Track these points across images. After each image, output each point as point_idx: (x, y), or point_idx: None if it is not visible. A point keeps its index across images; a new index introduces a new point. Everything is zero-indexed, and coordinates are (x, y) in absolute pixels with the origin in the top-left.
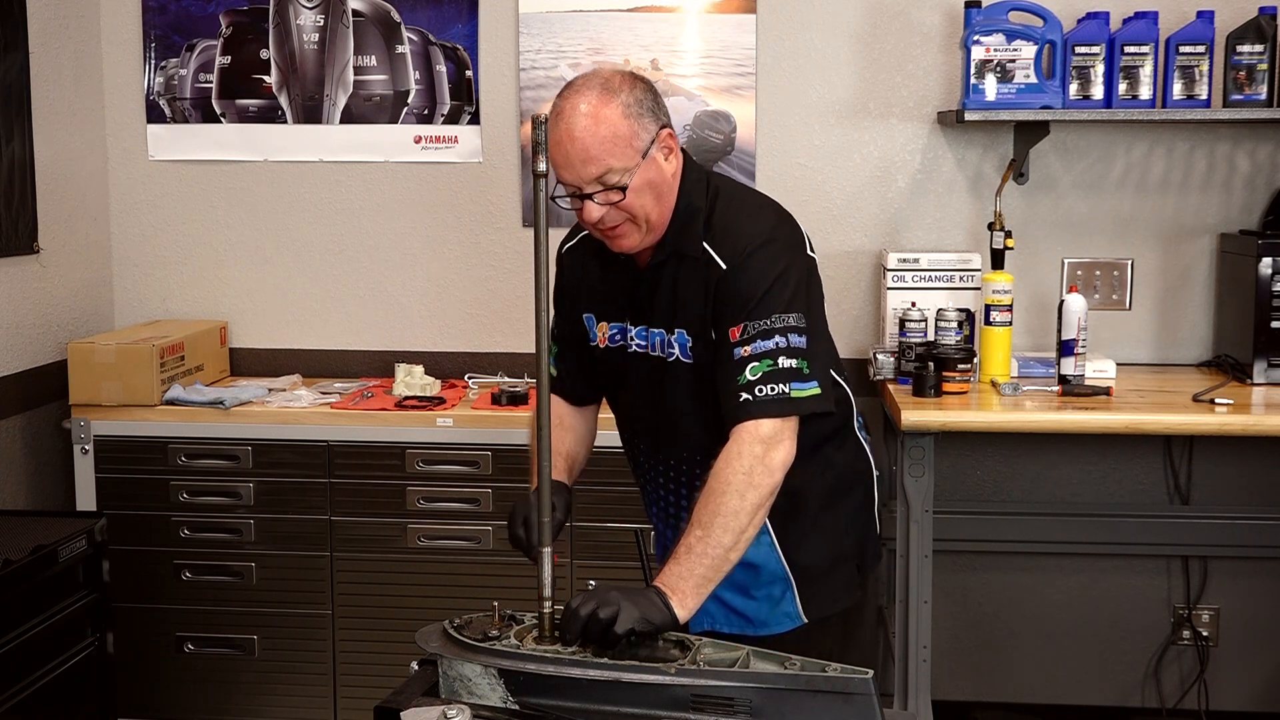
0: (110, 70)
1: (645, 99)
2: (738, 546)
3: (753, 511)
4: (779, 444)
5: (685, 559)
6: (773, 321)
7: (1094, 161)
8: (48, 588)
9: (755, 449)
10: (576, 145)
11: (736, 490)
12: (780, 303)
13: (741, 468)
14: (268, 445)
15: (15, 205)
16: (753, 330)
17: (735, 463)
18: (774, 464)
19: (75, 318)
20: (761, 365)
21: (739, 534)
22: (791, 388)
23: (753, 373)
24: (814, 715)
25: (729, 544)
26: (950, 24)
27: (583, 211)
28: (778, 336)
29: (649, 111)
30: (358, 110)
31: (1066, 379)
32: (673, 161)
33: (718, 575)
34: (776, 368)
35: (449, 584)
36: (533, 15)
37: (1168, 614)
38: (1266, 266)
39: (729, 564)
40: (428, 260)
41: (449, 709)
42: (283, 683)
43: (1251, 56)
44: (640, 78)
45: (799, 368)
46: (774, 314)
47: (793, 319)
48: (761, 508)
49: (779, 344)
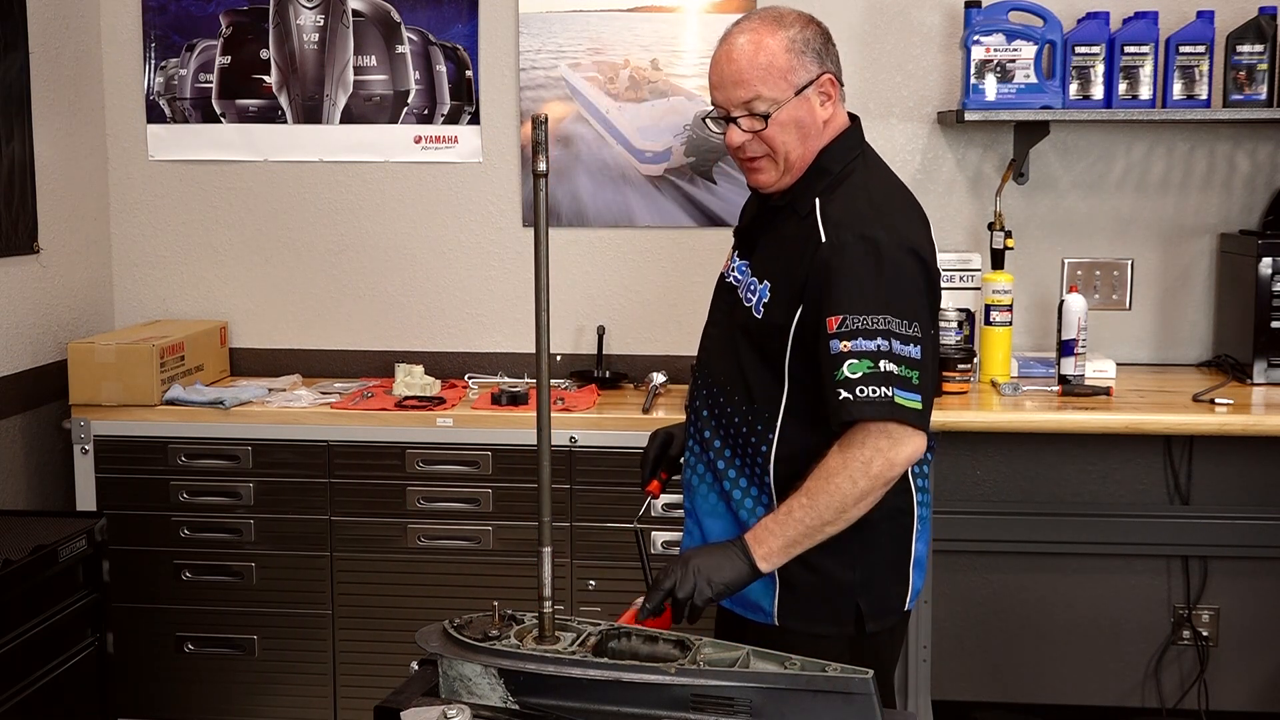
0: (110, 70)
1: (814, 40)
2: (836, 523)
3: (860, 497)
4: (905, 441)
5: (784, 518)
6: (876, 322)
7: (1094, 161)
8: (48, 588)
9: (881, 442)
10: (732, 67)
11: (851, 475)
12: (881, 303)
13: (863, 456)
14: (268, 445)
15: (15, 205)
16: (852, 325)
17: (857, 450)
18: (897, 458)
19: (75, 318)
20: (861, 365)
21: (840, 513)
22: (895, 393)
23: (852, 370)
24: (814, 715)
25: (828, 519)
26: (950, 24)
27: (726, 135)
28: (880, 339)
29: (814, 53)
30: (358, 110)
31: (1066, 379)
32: (829, 109)
33: (808, 542)
34: (878, 370)
35: (449, 584)
36: (533, 15)
37: (1168, 614)
38: (1266, 266)
39: (823, 535)
40: (428, 260)
41: (449, 709)
42: (283, 683)
43: (1251, 56)
44: (817, 22)
45: (906, 375)
46: (879, 314)
47: (899, 325)
48: (871, 495)
49: (880, 346)
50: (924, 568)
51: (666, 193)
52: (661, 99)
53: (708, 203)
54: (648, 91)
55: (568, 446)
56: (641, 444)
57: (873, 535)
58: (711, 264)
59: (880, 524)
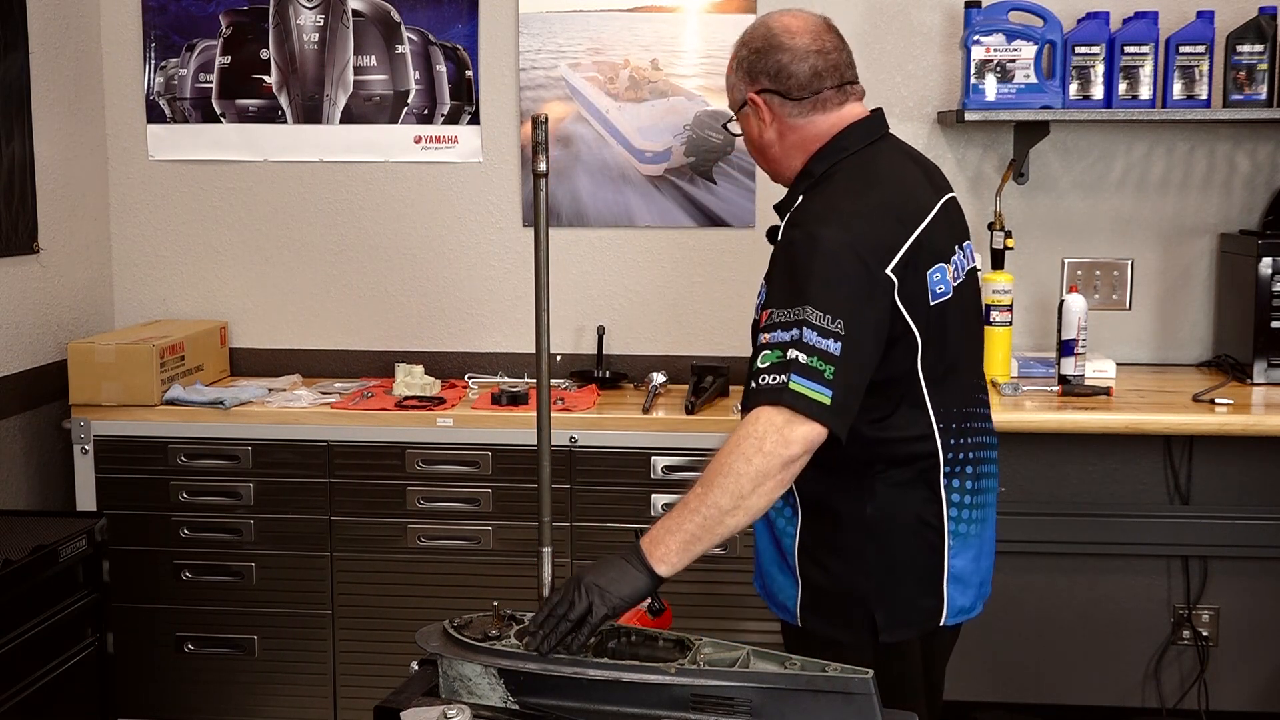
0: (110, 70)
1: (746, 59)
2: (737, 511)
3: (757, 479)
4: (799, 423)
5: (679, 513)
6: (794, 314)
7: (1094, 161)
8: (48, 588)
9: (776, 419)
10: None
11: (744, 454)
12: (802, 295)
13: (755, 432)
14: (268, 445)
15: (15, 205)
16: (774, 319)
17: (750, 427)
18: (792, 436)
19: (75, 318)
20: (772, 355)
21: (739, 498)
22: (792, 378)
23: (762, 360)
24: (814, 715)
25: (727, 506)
26: (950, 24)
27: None
28: (794, 329)
29: (744, 73)
30: (358, 110)
31: (1066, 379)
32: (761, 128)
33: (709, 536)
34: (783, 359)
35: (449, 584)
36: (533, 15)
37: (1168, 614)
38: (1266, 266)
39: (724, 527)
40: (428, 260)
41: (449, 709)
42: (283, 683)
43: (1251, 56)
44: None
45: (815, 367)
46: (798, 305)
47: (818, 317)
48: (770, 478)
49: (793, 336)
50: (969, 584)
51: (666, 193)
52: (661, 99)
53: (708, 203)
54: (648, 91)
55: (568, 446)
56: (641, 444)
57: (890, 544)
58: (711, 264)
59: (898, 533)
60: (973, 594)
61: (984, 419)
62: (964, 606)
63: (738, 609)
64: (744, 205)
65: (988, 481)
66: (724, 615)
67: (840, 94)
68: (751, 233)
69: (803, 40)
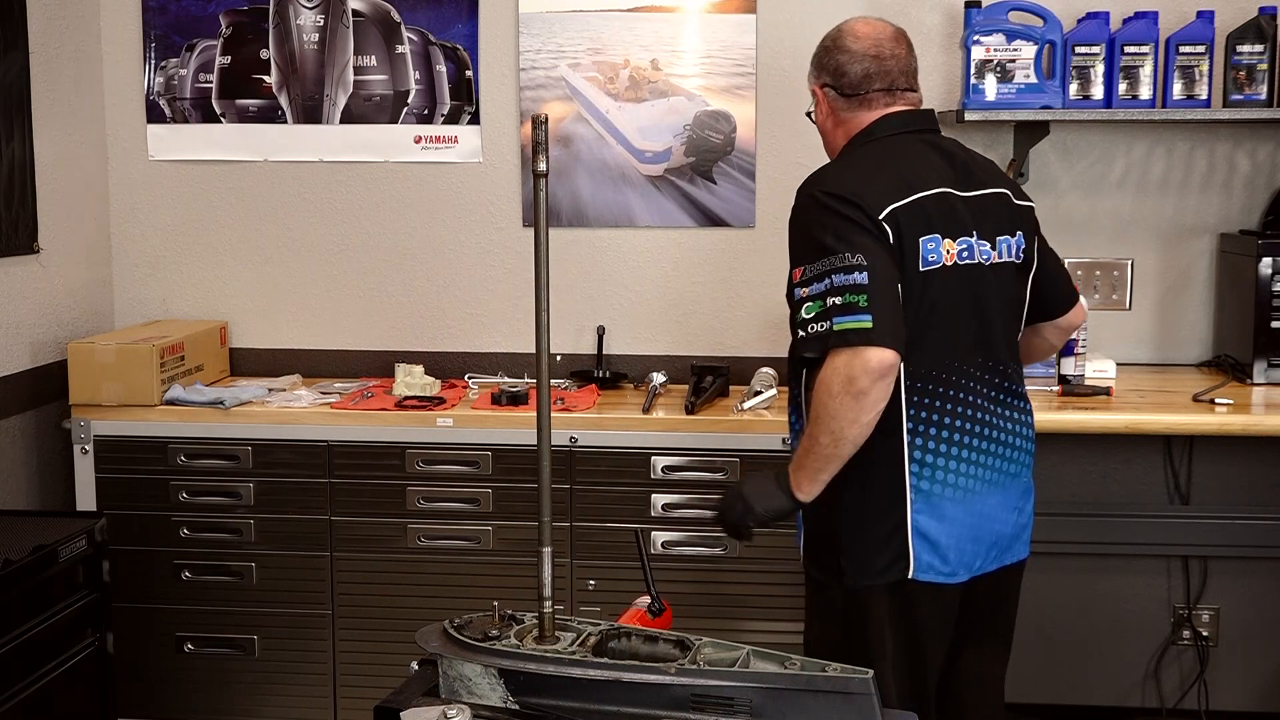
0: (110, 70)
1: (819, 54)
2: (841, 443)
3: (842, 416)
4: (861, 352)
5: (802, 452)
6: (822, 265)
7: (1094, 161)
8: (48, 588)
9: (837, 360)
10: None
11: (826, 396)
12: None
13: (827, 377)
14: (268, 445)
15: (15, 205)
16: (808, 274)
17: (826, 373)
18: (853, 372)
19: (75, 318)
20: (815, 306)
21: (837, 435)
22: (834, 321)
23: (807, 311)
24: (814, 715)
25: (826, 442)
26: (950, 24)
27: None
28: (826, 278)
29: (815, 65)
30: (358, 110)
31: (1066, 379)
32: (821, 115)
33: (829, 465)
34: (824, 307)
35: (449, 584)
36: (533, 15)
37: (1168, 614)
38: (1266, 266)
39: (838, 458)
40: (428, 260)
41: (449, 709)
42: (283, 683)
43: (1251, 56)
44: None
45: (851, 301)
46: (823, 257)
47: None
48: (858, 408)
49: (828, 285)
50: (942, 547)
51: (666, 193)
52: (661, 99)
53: (708, 203)
54: (648, 91)
55: (568, 446)
56: (641, 444)
57: (853, 498)
58: (711, 264)
59: (860, 489)
60: (936, 552)
61: (989, 397)
62: (939, 569)
63: (738, 609)
64: (744, 205)
65: (980, 453)
66: (724, 615)
67: (889, 96)
68: (751, 233)
69: (862, 45)
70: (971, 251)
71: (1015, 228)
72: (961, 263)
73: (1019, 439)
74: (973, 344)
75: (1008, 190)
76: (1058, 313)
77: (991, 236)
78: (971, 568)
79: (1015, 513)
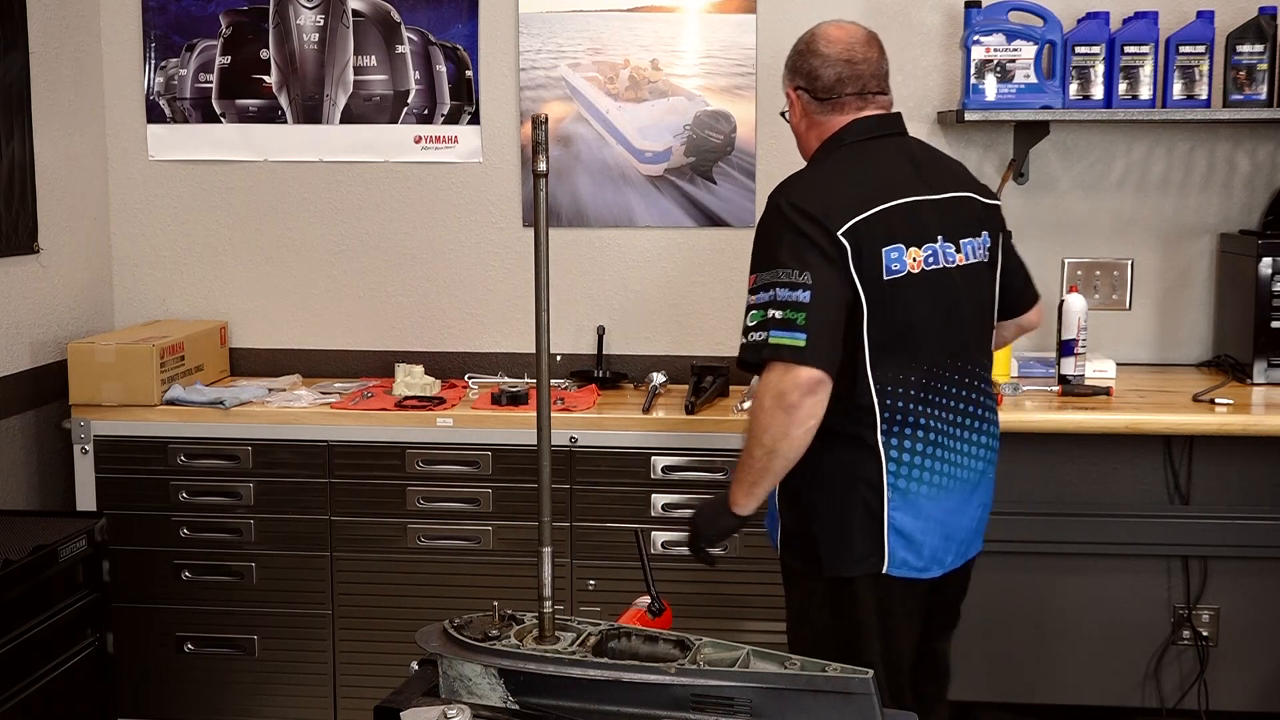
0: (110, 70)
1: (793, 57)
2: (774, 457)
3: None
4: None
5: (740, 465)
6: (767, 276)
7: (1094, 161)
8: (48, 588)
9: (770, 376)
10: None
11: (754, 414)
12: (773, 259)
13: (760, 392)
14: (268, 445)
15: (15, 205)
16: (757, 281)
17: (759, 388)
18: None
19: (75, 318)
20: (758, 314)
21: (770, 449)
22: (771, 334)
23: (750, 319)
24: (814, 715)
25: (759, 455)
26: (950, 24)
27: None
28: (770, 290)
29: (789, 68)
30: (358, 110)
31: (1066, 379)
32: (795, 118)
33: (763, 479)
34: (766, 318)
35: (449, 584)
36: (533, 15)
37: (1168, 614)
38: (1266, 266)
39: (771, 471)
40: (428, 260)
41: (449, 709)
42: (283, 683)
43: (1251, 56)
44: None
45: (789, 318)
46: (771, 268)
47: (787, 274)
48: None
49: (771, 297)
50: (917, 543)
51: (666, 193)
52: (661, 99)
53: (708, 203)
54: (648, 91)
55: (568, 446)
56: (641, 444)
57: (831, 495)
58: (711, 264)
59: (838, 485)
60: (925, 556)
61: (960, 398)
62: (912, 565)
63: (738, 609)
64: (744, 205)
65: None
66: (724, 615)
67: (860, 100)
68: (751, 233)
69: (835, 50)
70: (937, 257)
71: (981, 228)
72: (929, 269)
73: (987, 437)
74: (944, 347)
75: (975, 193)
76: (1016, 311)
77: (956, 239)
78: (944, 564)
79: (981, 509)
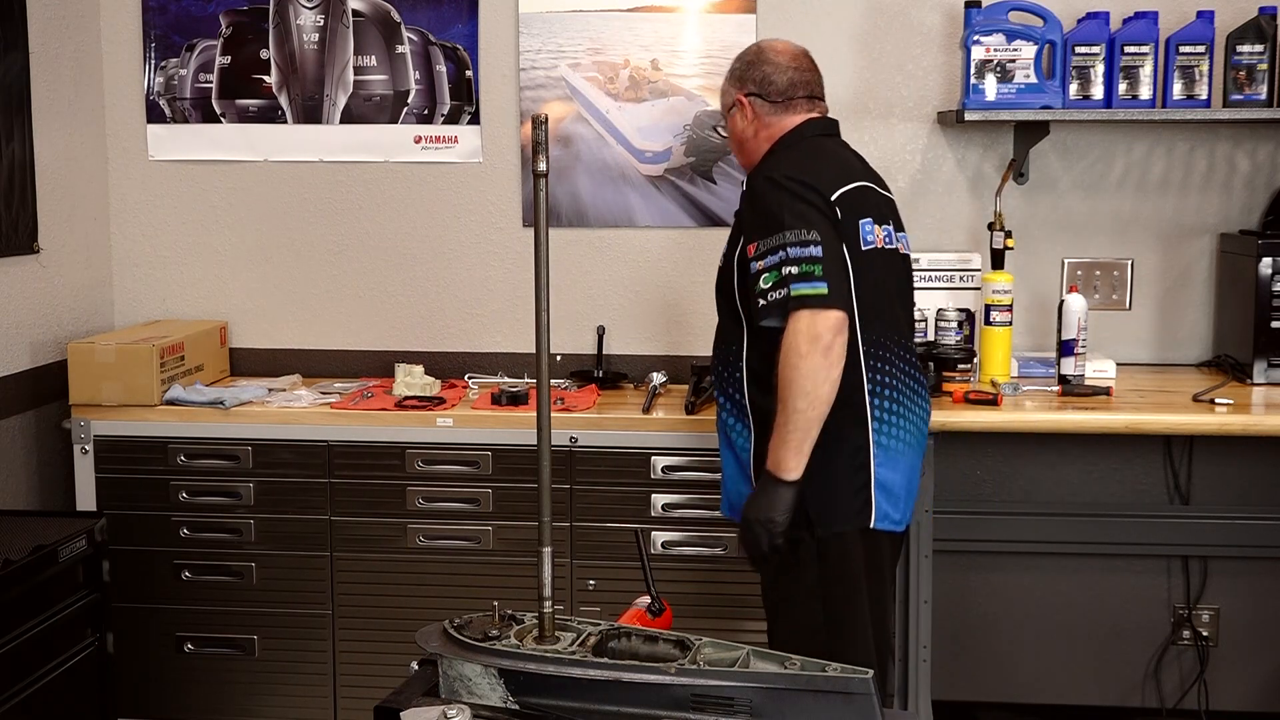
0: (110, 70)
1: (739, 68)
2: (816, 404)
3: (813, 374)
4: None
5: (780, 432)
6: (776, 239)
7: (1094, 161)
8: (48, 588)
9: (799, 323)
10: None
11: (792, 363)
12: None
13: (790, 342)
14: (268, 445)
15: (15, 205)
16: (762, 248)
17: (787, 341)
18: (817, 329)
19: (75, 318)
20: (772, 275)
21: (810, 396)
22: (793, 288)
23: (765, 281)
24: (814, 715)
25: (803, 407)
26: (950, 24)
27: None
28: (780, 251)
29: (736, 78)
30: (358, 110)
31: (1066, 379)
32: (744, 124)
33: (809, 432)
34: (781, 275)
35: (449, 584)
36: (533, 15)
37: (1168, 614)
38: (1266, 266)
39: (817, 420)
40: (428, 260)
41: (449, 709)
42: (283, 683)
43: (1251, 56)
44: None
45: (806, 270)
46: (778, 232)
47: (794, 234)
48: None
49: (782, 257)
50: (897, 497)
51: (666, 193)
52: (661, 99)
53: (707, 203)
54: (648, 91)
55: (568, 446)
56: (641, 444)
57: (820, 453)
58: (711, 264)
59: (827, 444)
60: (901, 509)
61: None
62: (892, 517)
63: (738, 609)
64: None
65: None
66: (724, 615)
67: (810, 103)
68: None
69: (784, 59)
70: (891, 238)
71: (901, 229)
72: (887, 247)
73: (927, 404)
74: (898, 318)
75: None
76: None
77: (896, 230)
78: (907, 519)
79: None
